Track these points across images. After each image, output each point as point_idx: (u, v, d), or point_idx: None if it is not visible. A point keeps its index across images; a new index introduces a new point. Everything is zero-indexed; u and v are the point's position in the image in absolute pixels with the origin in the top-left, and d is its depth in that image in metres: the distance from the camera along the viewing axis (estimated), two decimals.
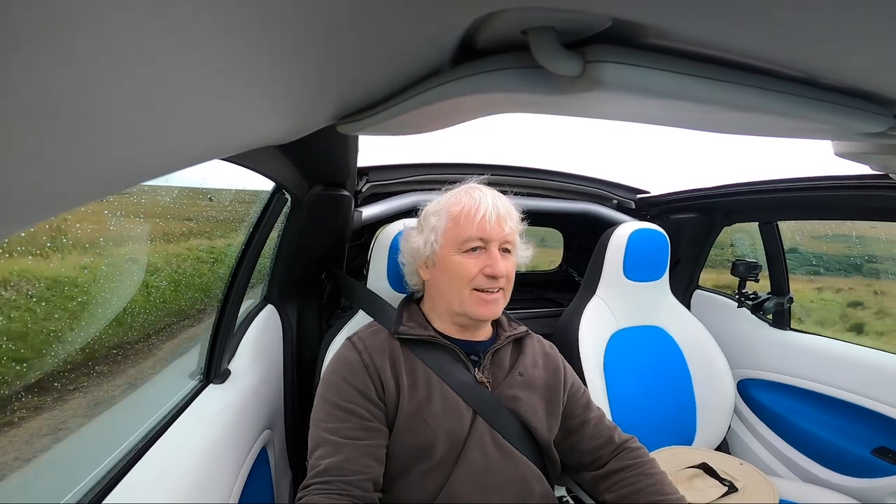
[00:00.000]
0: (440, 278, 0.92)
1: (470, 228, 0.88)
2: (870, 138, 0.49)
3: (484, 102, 0.39)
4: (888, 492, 1.25)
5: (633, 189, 1.98)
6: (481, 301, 0.88)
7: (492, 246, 0.88)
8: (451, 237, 0.89)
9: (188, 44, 0.23)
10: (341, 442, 0.80)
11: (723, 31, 0.29)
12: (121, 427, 0.84)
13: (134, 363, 1.00)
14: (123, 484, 0.71)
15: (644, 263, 1.50)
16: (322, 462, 0.78)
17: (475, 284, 0.88)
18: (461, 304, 0.89)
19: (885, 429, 1.30)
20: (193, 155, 0.41)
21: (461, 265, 0.88)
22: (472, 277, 0.87)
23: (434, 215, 0.93)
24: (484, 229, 0.87)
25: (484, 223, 0.87)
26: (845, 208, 1.45)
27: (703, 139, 8.81)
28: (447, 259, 0.89)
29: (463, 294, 0.88)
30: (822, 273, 2.72)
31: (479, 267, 0.87)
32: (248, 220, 1.15)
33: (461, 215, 0.89)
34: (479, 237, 0.88)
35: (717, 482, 1.23)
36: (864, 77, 0.36)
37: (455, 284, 0.89)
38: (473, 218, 0.88)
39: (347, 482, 0.76)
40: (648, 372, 1.48)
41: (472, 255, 0.88)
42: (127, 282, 0.97)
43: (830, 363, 1.44)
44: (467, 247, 0.88)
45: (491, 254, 0.88)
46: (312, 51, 0.31)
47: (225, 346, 1.04)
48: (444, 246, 0.90)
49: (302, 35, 0.27)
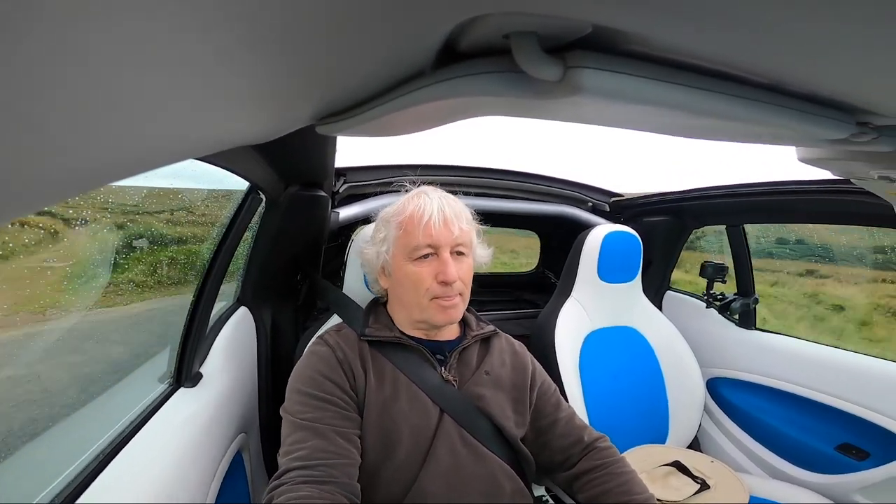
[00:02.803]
0: (397, 287, 0.92)
1: (416, 236, 0.87)
2: (832, 145, 0.51)
3: (465, 105, 0.39)
4: (854, 488, 1.28)
5: (607, 192, 2.02)
6: (440, 308, 0.88)
7: (442, 251, 0.87)
8: (401, 246, 0.89)
9: (161, 40, 0.23)
10: (321, 427, 0.78)
11: (699, 39, 0.30)
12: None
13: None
14: (91, 490, 0.69)
15: (618, 265, 1.53)
16: (302, 447, 0.76)
17: (432, 293, 0.87)
18: (422, 313, 0.89)
19: (848, 425, 1.34)
20: (166, 154, 0.40)
21: (415, 275, 0.87)
22: (427, 286, 0.87)
23: (384, 225, 0.93)
24: (430, 235, 0.86)
25: (429, 229, 0.86)
26: (809, 212, 1.51)
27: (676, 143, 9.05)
28: (401, 269, 0.89)
29: (422, 304, 0.88)
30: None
31: (431, 274, 0.87)
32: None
33: (407, 223, 0.89)
34: (426, 244, 0.87)
35: (690, 480, 1.27)
36: (828, 85, 0.38)
37: (412, 294, 0.89)
38: (419, 224, 0.87)
39: (333, 466, 0.75)
40: (622, 372, 1.51)
41: (423, 262, 0.88)
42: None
43: (795, 362, 1.49)
44: (417, 255, 0.87)
45: (442, 259, 0.87)
46: (291, 50, 0.30)
47: (196, 348, 1.02)
48: (396, 256, 0.90)
49: (281, 34, 0.27)
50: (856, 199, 1.20)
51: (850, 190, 1.19)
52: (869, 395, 1.30)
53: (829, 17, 0.25)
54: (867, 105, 0.41)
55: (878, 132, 0.46)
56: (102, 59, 0.22)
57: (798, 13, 0.25)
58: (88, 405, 0.95)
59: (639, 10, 0.27)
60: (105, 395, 0.99)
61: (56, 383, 0.95)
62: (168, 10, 0.20)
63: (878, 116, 0.43)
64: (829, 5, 0.23)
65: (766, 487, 1.32)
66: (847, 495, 1.29)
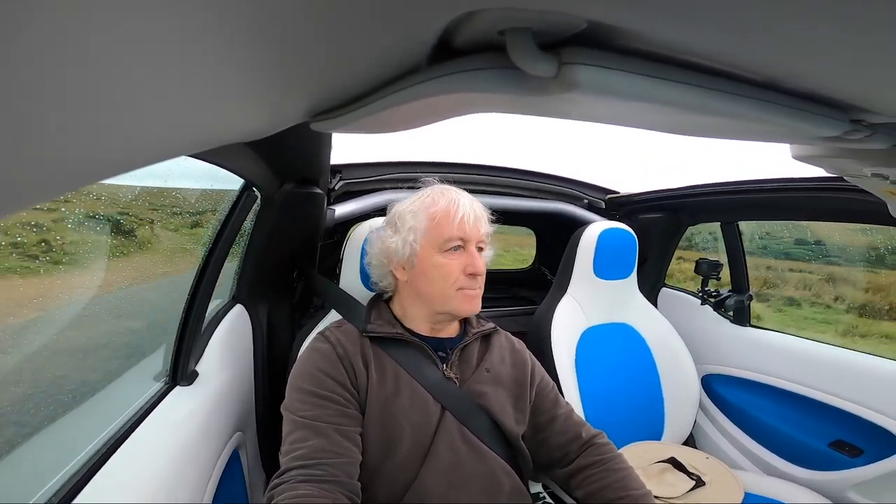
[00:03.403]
0: (420, 279, 0.92)
1: (451, 229, 0.89)
2: (826, 142, 0.51)
3: (460, 102, 0.39)
4: (847, 485, 1.29)
5: (603, 189, 2.02)
6: (466, 298, 0.90)
7: (470, 245, 0.91)
8: (432, 237, 0.90)
9: (156, 37, 0.22)
10: (322, 426, 0.79)
11: (694, 36, 0.30)
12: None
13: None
14: (88, 489, 0.68)
15: (613, 262, 1.53)
16: (302, 446, 0.76)
17: (459, 284, 0.89)
18: (446, 303, 0.90)
19: (842, 422, 1.35)
20: (161, 151, 0.40)
21: (445, 266, 0.89)
22: (455, 278, 0.89)
23: (411, 215, 0.93)
24: (464, 230, 0.90)
25: (464, 224, 0.90)
26: (802, 209, 1.52)
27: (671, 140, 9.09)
28: (428, 259, 0.90)
29: (448, 294, 0.90)
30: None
31: (460, 266, 0.89)
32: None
33: (440, 216, 0.90)
34: (459, 237, 0.90)
35: (685, 476, 1.27)
36: (822, 82, 0.38)
37: (439, 285, 0.90)
38: (453, 218, 0.90)
39: (333, 465, 0.75)
40: (618, 368, 1.51)
41: (452, 254, 0.90)
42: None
43: (788, 358, 1.50)
44: (448, 246, 0.90)
45: (470, 253, 0.91)
46: (284, 46, 0.30)
47: (192, 346, 1.01)
48: (425, 246, 0.91)
49: (274, 30, 0.27)
50: (850, 196, 1.21)
51: (844, 187, 1.19)
52: (862, 392, 1.31)
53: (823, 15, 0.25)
54: (861, 103, 0.41)
55: (871, 130, 0.46)
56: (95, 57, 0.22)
57: (792, 11, 0.25)
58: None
59: (634, 6, 0.27)
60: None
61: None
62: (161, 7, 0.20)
63: (871, 114, 0.43)
64: (823, 3, 0.23)
65: (761, 484, 1.33)
66: (841, 492, 1.30)
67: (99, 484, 0.70)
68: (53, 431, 0.81)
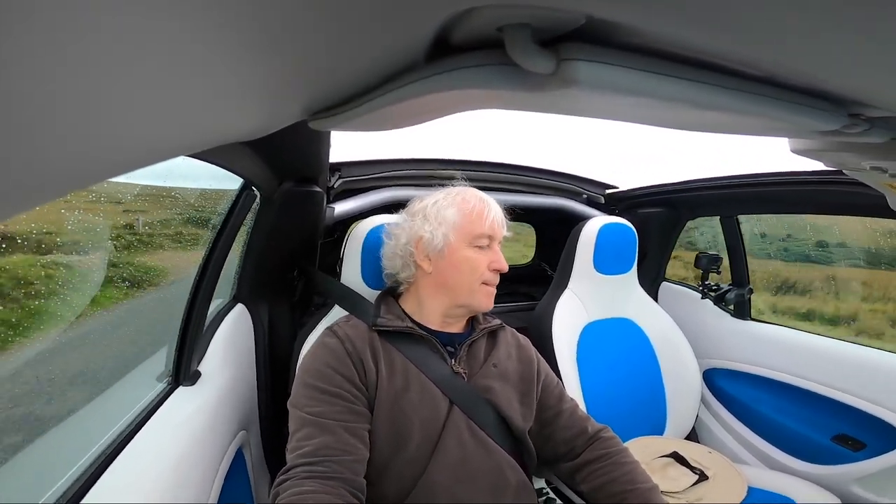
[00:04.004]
0: (447, 270, 0.94)
1: (482, 226, 0.94)
2: (824, 136, 0.51)
3: (458, 99, 0.39)
4: (850, 479, 1.29)
5: (602, 184, 2.02)
6: (488, 294, 0.95)
7: (494, 244, 0.96)
8: (465, 232, 0.94)
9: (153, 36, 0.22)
10: (328, 423, 0.79)
11: (692, 31, 0.30)
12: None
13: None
14: (94, 491, 0.68)
15: (613, 257, 1.53)
16: (308, 443, 0.77)
17: (483, 278, 0.94)
18: (469, 296, 0.94)
19: (845, 416, 1.35)
20: (159, 151, 0.40)
21: (474, 259, 0.93)
22: (482, 271, 0.94)
23: (447, 210, 0.96)
24: (493, 228, 0.95)
25: (494, 223, 0.96)
26: (802, 203, 1.51)
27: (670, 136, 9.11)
28: (458, 252, 0.93)
29: (473, 287, 0.93)
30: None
31: (487, 262, 0.94)
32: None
33: (474, 213, 0.95)
34: (488, 234, 0.95)
35: (688, 471, 1.27)
36: (820, 77, 0.38)
37: (466, 277, 0.93)
38: (485, 217, 0.95)
39: (339, 462, 0.76)
40: (620, 363, 1.51)
41: (480, 250, 0.94)
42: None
43: (790, 352, 1.50)
44: (478, 242, 0.94)
45: (495, 251, 0.96)
46: (282, 45, 0.30)
47: (194, 346, 1.01)
48: (458, 239, 0.94)
49: (272, 28, 0.27)
50: (849, 189, 1.21)
51: (844, 180, 1.19)
52: (865, 385, 1.31)
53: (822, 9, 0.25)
54: (859, 97, 0.41)
55: (869, 123, 0.46)
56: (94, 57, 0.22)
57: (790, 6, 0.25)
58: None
59: (632, 1, 0.27)
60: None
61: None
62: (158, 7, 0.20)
63: (869, 108, 0.43)
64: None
65: (764, 478, 1.33)
66: (844, 486, 1.30)
67: (105, 485, 0.70)
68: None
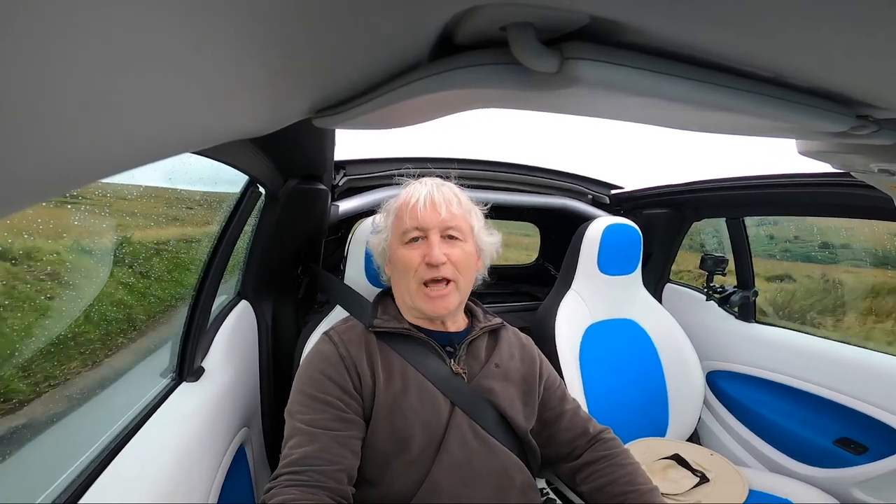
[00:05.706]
0: (394, 274, 0.94)
1: (406, 219, 0.90)
2: (832, 137, 0.51)
3: (462, 98, 0.39)
4: (852, 482, 1.28)
5: (607, 184, 2.01)
6: (427, 297, 0.88)
7: (431, 234, 0.89)
8: (395, 231, 0.92)
9: (158, 33, 0.22)
10: (316, 432, 0.79)
11: (698, 31, 0.30)
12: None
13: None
14: (98, 484, 0.69)
15: (618, 257, 1.53)
16: (295, 452, 0.77)
17: (420, 277, 0.88)
18: (412, 299, 0.90)
19: (847, 420, 1.34)
20: (164, 148, 0.40)
21: (404, 257, 0.89)
22: (415, 269, 0.88)
23: (384, 214, 0.96)
24: (416, 217, 0.88)
25: (415, 211, 0.89)
26: (808, 205, 1.50)
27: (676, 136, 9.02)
28: (395, 253, 0.91)
29: (411, 288, 0.89)
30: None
31: (420, 257, 0.88)
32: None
33: (400, 208, 0.92)
34: (414, 227, 0.89)
35: (689, 473, 1.27)
36: (828, 77, 0.37)
37: (403, 278, 0.90)
38: (408, 208, 0.90)
39: (321, 472, 0.75)
40: (623, 364, 1.51)
41: (413, 245, 0.89)
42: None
43: (794, 355, 1.49)
44: (407, 238, 0.89)
45: (430, 242, 0.88)
46: (287, 43, 0.30)
47: (198, 342, 1.02)
48: (392, 241, 0.92)
49: (277, 26, 0.27)
50: (856, 191, 1.20)
51: (851, 183, 1.18)
52: (868, 389, 1.30)
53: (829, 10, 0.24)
54: (867, 98, 0.40)
55: (878, 125, 0.45)
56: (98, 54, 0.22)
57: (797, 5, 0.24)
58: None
59: (637, 1, 0.27)
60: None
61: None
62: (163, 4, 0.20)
63: (878, 109, 0.43)
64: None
65: (765, 481, 1.32)
66: (845, 489, 1.29)
67: (108, 480, 0.71)
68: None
